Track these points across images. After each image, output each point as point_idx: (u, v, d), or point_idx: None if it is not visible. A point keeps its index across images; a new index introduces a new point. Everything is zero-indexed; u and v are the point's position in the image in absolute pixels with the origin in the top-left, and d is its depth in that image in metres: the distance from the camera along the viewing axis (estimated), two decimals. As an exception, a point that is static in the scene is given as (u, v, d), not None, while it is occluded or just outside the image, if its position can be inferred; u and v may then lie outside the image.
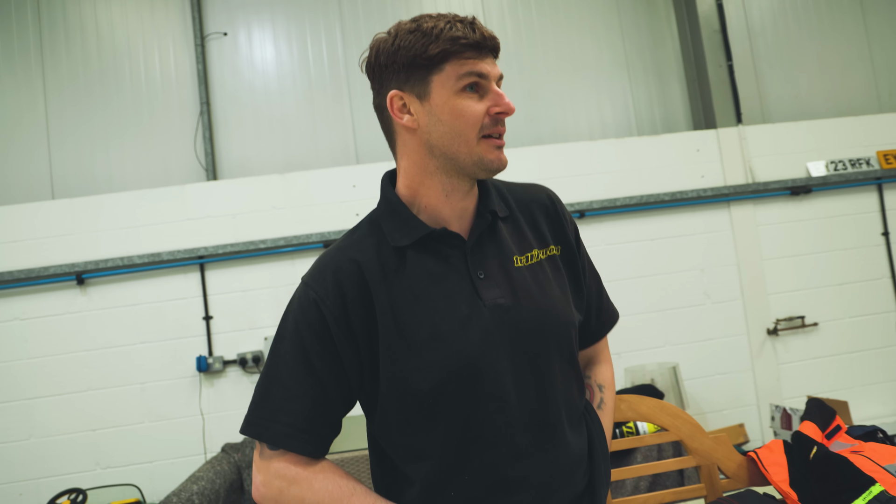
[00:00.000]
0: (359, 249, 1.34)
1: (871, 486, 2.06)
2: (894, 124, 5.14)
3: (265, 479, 1.32)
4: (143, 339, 4.38)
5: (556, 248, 1.46)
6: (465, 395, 1.28)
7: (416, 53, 1.26)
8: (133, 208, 4.45)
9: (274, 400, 1.30)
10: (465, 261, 1.34)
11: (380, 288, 1.30)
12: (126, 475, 4.29)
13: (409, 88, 1.30)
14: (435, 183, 1.34)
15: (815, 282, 4.92)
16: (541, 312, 1.35)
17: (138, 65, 4.81)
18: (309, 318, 1.30)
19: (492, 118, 1.28)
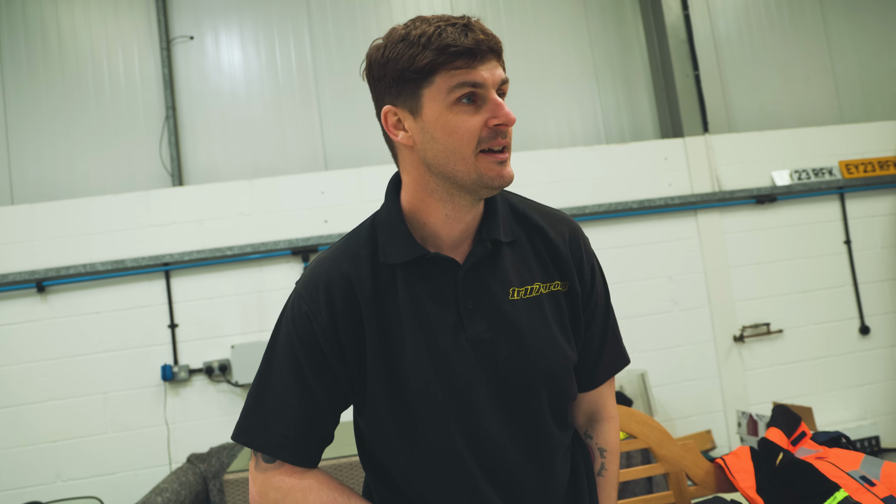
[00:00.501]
0: (352, 263, 1.30)
1: (836, 492, 2.09)
2: (855, 135, 5.24)
3: (261, 490, 1.31)
4: (106, 347, 4.29)
5: (561, 284, 1.37)
6: (438, 428, 1.28)
7: (405, 66, 1.17)
8: (96, 214, 4.36)
9: (266, 408, 1.29)
10: (455, 288, 1.29)
11: (369, 307, 1.27)
12: (88, 487, 4.19)
13: (401, 103, 1.22)
14: (436, 202, 1.27)
15: (779, 289, 4.99)
16: (524, 350, 1.30)
17: (102, 68, 4.72)
18: (300, 331, 1.28)
19: (491, 130, 1.18)
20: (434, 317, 1.28)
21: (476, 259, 1.30)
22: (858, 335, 5.06)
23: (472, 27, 1.17)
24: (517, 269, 1.34)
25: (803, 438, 2.68)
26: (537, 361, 1.30)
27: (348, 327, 1.27)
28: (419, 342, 1.27)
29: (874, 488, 2.07)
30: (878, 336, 5.08)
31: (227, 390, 4.37)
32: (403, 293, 1.28)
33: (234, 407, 4.37)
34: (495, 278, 1.31)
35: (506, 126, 1.19)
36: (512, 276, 1.32)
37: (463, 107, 1.17)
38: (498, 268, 1.32)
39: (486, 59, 1.17)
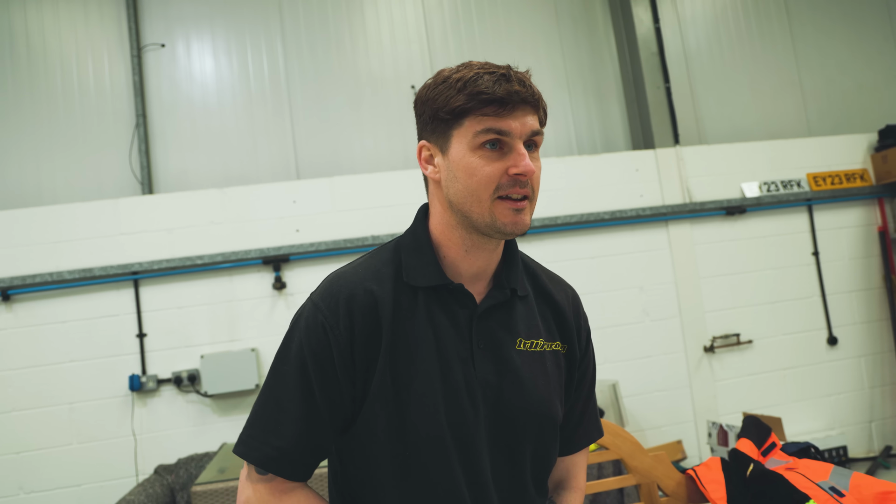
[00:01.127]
0: (377, 280, 1.30)
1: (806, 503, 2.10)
2: (823, 148, 5.31)
3: (247, 500, 1.30)
4: (73, 357, 4.23)
5: (562, 346, 1.43)
6: (439, 458, 1.27)
7: (440, 106, 1.23)
8: (64, 222, 4.30)
9: (268, 421, 1.28)
10: (470, 325, 1.31)
11: (388, 325, 1.27)
12: (52, 500, 4.12)
13: (433, 140, 1.28)
14: (456, 237, 1.31)
15: (749, 300, 5.03)
16: (524, 400, 1.33)
17: (71, 75, 4.67)
18: (314, 342, 1.26)
19: (510, 178, 1.22)
20: (450, 347, 1.29)
21: (493, 301, 1.34)
22: (826, 346, 5.11)
23: (511, 78, 1.21)
24: (525, 323, 1.37)
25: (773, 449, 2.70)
26: (533, 412, 1.33)
27: (364, 344, 1.26)
28: (433, 369, 1.27)
29: (843, 499, 2.08)
30: (846, 347, 5.13)
31: (196, 401, 4.32)
32: (423, 317, 1.29)
33: (204, 417, 4.32)
34: (505, 325, 1.35)
35: (524, 177, 1.21)
36: (521, 327, 1.36)
37: (487, 152, 1.21)
38: (509, 316, 1.36)
39: (518, 110, 1.21)
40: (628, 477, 2.33)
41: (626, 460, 2.32)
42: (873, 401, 5.14)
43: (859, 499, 2.09)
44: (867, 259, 5.24)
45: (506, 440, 1.33)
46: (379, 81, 5.06)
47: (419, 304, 1.30)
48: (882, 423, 5.14)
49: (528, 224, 1.26)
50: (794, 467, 2.36)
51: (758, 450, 2.64)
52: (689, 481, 2.35)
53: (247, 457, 1.27)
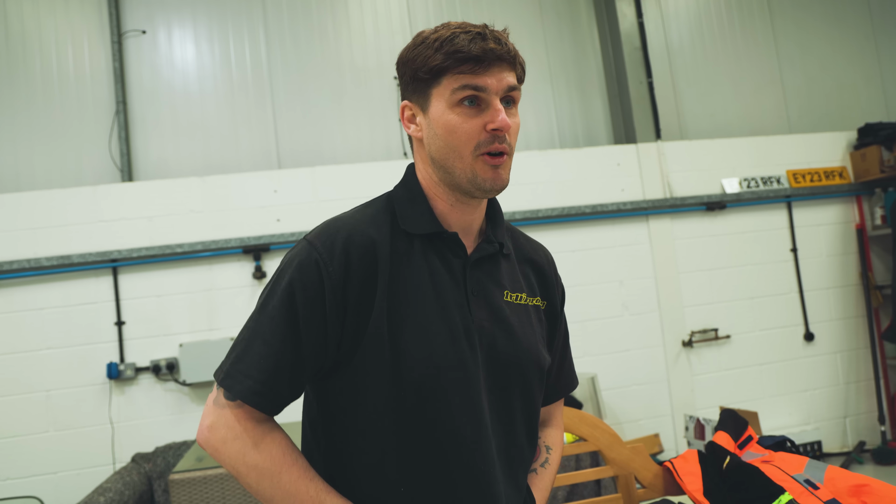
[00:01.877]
0: (375, 226, 1.33)
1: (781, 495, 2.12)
2: (803, 145, 5.35)
3: (212, 425, 1.26)
4: (50, 344, 4.20)
5: (541, 301, 1.49)
6: (440, 398, 1.28)
7: (419, 66, 1.27)
8: (42, 208, 4.27)
9: (251, 355, 1.26)
10: (464, 273, 1.35)
11: (385, 269, 1.29)
12: (28, 487, 4.09)
13: (415, 100, 1.32)
14: (441, 192, 1.35)
15: (728, 295, 5.07)
16: (515, 348, 1.37)
17: (50, 61, 4.63)
18: (306, 279, 1.25)
19: (489, 134, 1.25)
20: (447, 292, 1.32)
21: (483, 253, 1.38)
22: (803, 342, 5.16)
23: (486, 36, 1.24)
24: (509, 278, 1.43)
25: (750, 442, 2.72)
26: (523, 360, 1.38)
27: (360, 284, 1.27)
28: (432, 311, 1.29)
29: (818, 492, 2.10)
30: (822, 343, 5.19)
31: (175, 389, 4.31)
32: (420, 262, 1.32)
33: (182, 406, 4.31)
34: (493, 278, 1.39)
35: (501, 131, 1.25)
36: (506, 281, 1.42)
37: (465, 108, 1.25)
38: (496, 270, 1.41)
39: (494, 66, 1.25)
40: (606, 468, 2.34)
41: (604, 452, 2.33)
42: (848, 396, 5.20)
43: (833, 491, 2.11)
44: (844, 256, 5.30)
45: (498, 386, 1.35)
46: (362, 72, 5.05)
47: (415, 249, 1.32)
48: (856, 418, 5.20)
49: (506, 180, 1.30)
50: (770, 460, 2.38)
51: (734, 443, 2.66)
52: (666, 473, 2.37)
53: (229, 388, 1.26)
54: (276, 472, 1.24)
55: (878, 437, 5.14)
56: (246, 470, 1.25)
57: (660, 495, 2.35)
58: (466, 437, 1.30)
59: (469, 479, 1.30)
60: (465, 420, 1.30)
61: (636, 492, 2.32)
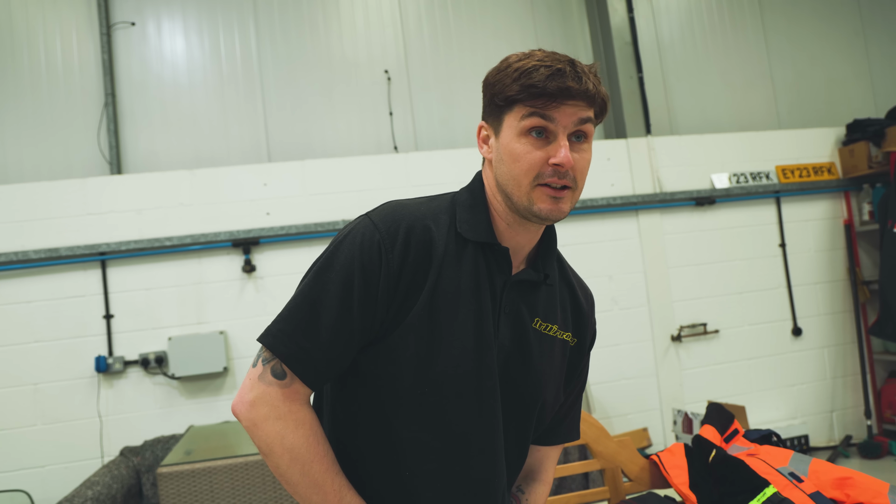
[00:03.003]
0: (435, 221, 1.34)
1: (766, 488, 2.13)
2: (792, 140, 5.38)
3: (255, 400, 1.26)
4: (38, 337, 4.19)
5: (572, 338, 1.49)
6: (455, 399, 1.30)
7: (496, 92, 1.28)
8: (30, 201, 4.25)
9: (301, 321, 1.27)
10: (503, 290, 1.36)
11: (436, 267, 1.30)
12: (16, 480, 4.09)
13: (490, 122, 1.34)
14: (502, 210, 1.36)
15: (717, 290, 5.09)
16: (525, 374, 1.38)
17: (38, 52, 4.60)
18: (366, 258, 1.26)
19: (552, 168, 1.25)
20: (484, 304, 1.33)
21: (526, 277, 1.39)
22: (791, 336, 5.19)
23: (566, 73, 1.23)
24: (545, 307, 1.43)
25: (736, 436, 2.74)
26: (531, 388, 1.39)
27: (412, 274, 1.29)
28: (469, 317, 1.31)
29: (802, 484, 2.12)
30: (810, 337, 5.22)
31: (164, 383, 4.30)
32: (469, 268, 1.33)
33: (171, 399, 4.30)
34: (528, 304, 1.40)
35: (562, 167, 1.25)
36: (540, 309, 1.41)
37: (532, 139, 1.26)
38: (534, 297, 1.41)
39: (567, 102, 1.24)
40: (593, 462, 2.35)
41: (592, 445, 2.35)
42: (835, 391, 5.23)
43: (817, 484, 2.13)
44: (832, 251, 5.32)
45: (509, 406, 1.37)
46: (352, 66, 5.04)
47: (467, 254, 1.34)
48: (843, 412, 5.23)
49: (565, 212, 1.30)
50: (756, 453, 2.39)
51: (721, 436, 2.68)
52: (652, 466, 2.39)
53: (274, 349, 1.26)
54: (308, 460, 1.25)
55: (864, 431, 5.18)
56: (281, 451, 1.25)
57: (646, 488, 2.37)
58: (473, 444, 1.32)
59: (468, 483, 1.33)
60: (476, 427, 1.32)
61: (623, 485, 2.34)
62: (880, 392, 5.27)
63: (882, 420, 5.23)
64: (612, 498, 2.32)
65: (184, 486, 3.15)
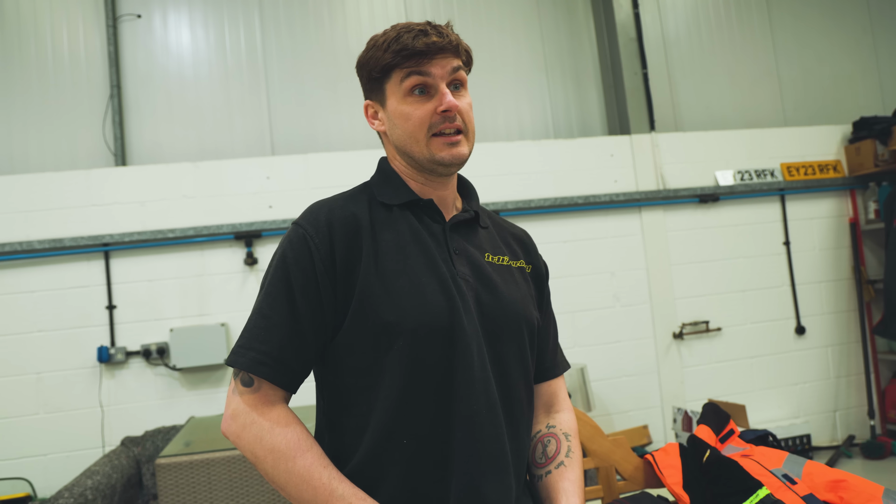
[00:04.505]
0: (353, 202, 1.44)
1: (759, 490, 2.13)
2: (798, 138, 5.34)
3: (234, 413, 1.34)
4: (41, 327, 4.22)
5: (526, 265, 1.57)
6: (434, 343, 1.32)
7: (372, 67, 1.40)
8: (34, 191, 4.28)
9: (254, 330, 1.35)
10: (444, 233, 1.44)
11: (368, 235, 1.38)
12: (18, 468, 4.12)
13: (374, 97, 1.46)
14: (412, 174, 1.46)
15: (719, 288, 5.07)
16: (499, 300, 1.42)
17: (45, 43, 4.63)
18: (296, 253, 1.35)
19: (440, 116, 1.37)
20: (429, 250, 1.40)
21: (460, 218, 1.48)
22: (794, 335, 5.16)
23: (428, 32, 1.36)
24: (490, 244, 1.52)
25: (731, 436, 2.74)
26: (510, 312, 1.43)
27: (345, 251, 1.35)
28: (419, 264, 1.37)
29: (795, 486, 2.12)
30: (813, 336, 5.19)
31: (165, 374, 4.32)
32: (402, 225, 1.41)
33: (172, 390, 4.33)
34: (472, 242, 1.48)
35: (450, 112, 1.37)
36: (486, 245, 1.51)
37: (416, 98, 1.38)
38: (475, 236, 1.50)
39: (437, 57, 1.37)
40: (587, 460, 2.35)
41: (586, 444, 2.35)
42: (838, 390, 5.21)
43: (811, 486, 2.13)
44: (837, 250, 5.29)
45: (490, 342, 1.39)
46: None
47: (395, 216, 1.42)
48: (846, 412, 5.20)
49: (465, 154, 1.40)
50: (750, 454, 2.39)
51: (716, 436, 2.68)
52: (646, 466, 2.39)
53: (234, 363, 1.34)
54: (291, 456, 1.29)
55: (867, 431, 5.15)
56: (263, 454, 1.30)
57: (640, 487, 2.37)
58: (461, 380, 1.33)
59: (467, 422, 1.33)
60: (460, 363, 1.33)
61: (616, 483, 2.34)
62: (884, 392, 5.24)
63: (886, 420, 5.20)
64: (606, 497, 2.33)
65: (182, 477, 3.18)
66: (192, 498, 3.18)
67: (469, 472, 1.32)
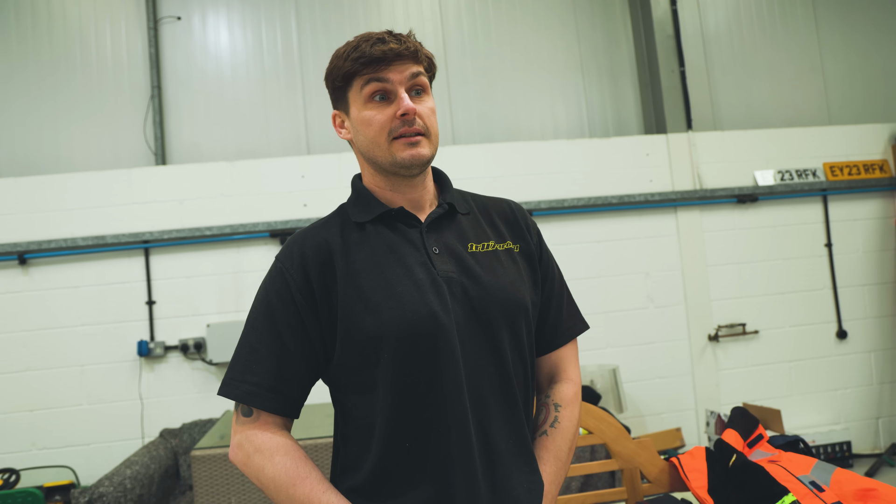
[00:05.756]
0: (325, 228, 1.46)
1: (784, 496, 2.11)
2: (842, 137, 5.19)
3: (238, 443, 1.40)
4: (85, 321, 4.38)
5: (514, 245, 1.55)
6: (419, 349, 1.34)
7: (335, 76, 1.43)
8: (79, 190, 4.44)
9: (243, 362, 1.40)
10: (420, 236, 1.45)
11: (341, 257, 1.40)
12: (62, 457, 4.29)
13: (340, 107, 1.48)
14: (379, 180, 1.48)
15: (757, 290, 4.97)
16: (489, 289, 1.43)
17: (89, 45, 4.78)
18: (276, 286, 1.40)
19: (400, 120, 1.39)
20: (405, 257, 1.42)
21: (435, 215, 1.49)
22: (835, 339, 5.04)
23: (385, 40, 1.39)
24: (473, 232, 1.52)
25: (760, 441, 2.71)
26: (500, 299, 1.43)
27: (320, 277, 1.39)
28: (395, 275, 1.39)
29: (823, 494, 2.09)
30: (856, 341, 5.06)
31: (202, 368, 4.44)
32: (376, 241, 1.43)
33: (209, 384, 4.44)
34: (454, 235, 1.49)
35: (408, 115, 1.39)
36: (469, 235, 1.50)
37: (376, 104, 1.40)
38: (456, 228, 1.50)
39: (395, 63, 1.39)
40: (611, 462, 2.37)
41: (610, 445, 2.36)
42: (882, 397, 5.06)
43: (839, 494, 2.10)
44: (882, 252, 5.13)
45: (483, 328, 1.41)
46: (392, 59, 5.06)
47: (368, 232, 1.45)
48: (890, 419, 5.05)
49: (426, 155, 1.41)
50: (777, 460, 2.37)
51: (743, 441, 2.65)
52: (672, 469, 2.38)
53: (228, 395, 1.39)
54: (289, 483, 1.33)
55: (911, 439, 5.01)
56: (266, 482, 1.36)
57: (665, 490, 2.37)
58: (448, 382, 1.35)
59: (457, 423, 1.36)
60: (445, 365, 1.35)
61: (641, 486, 2.34)
62: (931, 399, 5.09)
63: (931, 428, 5.05)
64: (630, 499, 2.33)
65: (216, 469, 3.26)
66: (225, 489, 3.26)
67: (470, 468, 1.35)
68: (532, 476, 1.43)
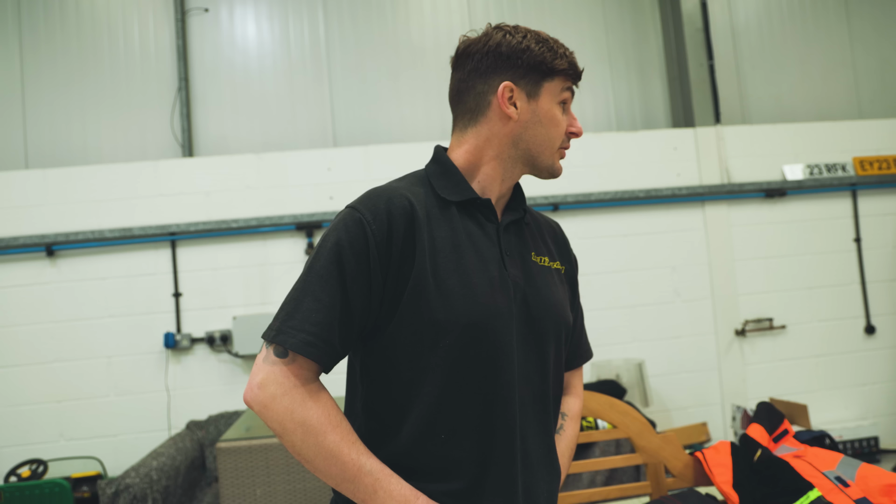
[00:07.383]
0: (411, 192, 1.40)
1: (809, 491, 2.10)
2: (873, 131, 5.14)
3: (262, 382, 1.29)
4: (112, 313, 4.39)
5: (561, 266, 1.59)
6: (480, 345, 1.34)
7: (543, 60, 1.41)
8: (106, 182, 4.45)
9: (304, 311, 1.30)
10: (497, 234, 1.45)
11: (424, 228, 1.35)
12: (90, 447, 4.31)
13: (522, 85, 1.43)
14: (499, 167, 1.47)
15: (785, 284, 4.94)
16: (546, 304, 1.45)
17: (117, 37, 4.78)
18: (352, 237, 1.30)
19: (567, 134, 1.48)
20: (483, 251, 1.41)
21: (511, 218, 1.50)
22: (863, 334, 5.00)
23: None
24: (534, 243, 1.54)
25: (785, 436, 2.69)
26: (553, 314, 1.47)
27: (401, 241, 1.33)
28: (470, 265, 1.37)
29: (848, 489, 2.08)
30: (884, 336, 5.01)
31: (228, 360, 4.45)
32: (458, 224, 1.41)
33: (235, 376, 4.45)
34: (521, 241, 1.51)
35: (577, 136, 1.50)
36: (531, 246, 1.52)
37: (560, 109, 1.46)
38: (523, 237, 1.52)
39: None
40: (635, 456, 2.36)
41: (634, 439, 2.35)
42: (910, 392, 5.03)
43: (865, 490, 2.09)
44: (913, 247, 5.10)
45: (534, 336, 1.42)
46: (419, 52, 5.06)
47: (452, 213, 1.41)
48: (918, 415, 5.03)
49: None
50: (802, 455, 2.36)
51: (769, 436, 2.63)
52: (696, 463, 2.38)
53: (284, 343, 1.29)
54: (321, 430, 1.27)
55: (940, 435, 4.97)
56: (293, 426, 1.28)
57: (689, 485, 2.36)
58: (503, 384, 1.36)
59: (505, 425, 1.36)
60: (502, 366, 1.36)
61: (665, 480, 2.33)
62: (959, 395, 5.04)
63: (960, 425, 5.01)
64: (654, 493, 2.33)
65: (241, 460, 3.27)
66: (250, 481, 3.27)
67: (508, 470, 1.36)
68: (551, 486, 1.47)
